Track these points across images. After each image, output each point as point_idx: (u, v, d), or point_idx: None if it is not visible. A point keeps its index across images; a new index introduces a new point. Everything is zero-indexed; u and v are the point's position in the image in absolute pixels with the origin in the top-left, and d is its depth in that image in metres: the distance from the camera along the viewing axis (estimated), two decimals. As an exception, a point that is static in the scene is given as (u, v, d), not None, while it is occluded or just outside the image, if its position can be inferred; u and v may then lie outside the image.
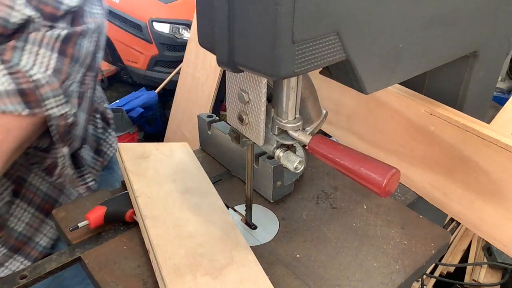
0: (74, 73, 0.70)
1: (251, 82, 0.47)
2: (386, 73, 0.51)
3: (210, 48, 0.46)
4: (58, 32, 0.67)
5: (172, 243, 0.57)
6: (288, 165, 0.51)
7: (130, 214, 0.63)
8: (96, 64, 0.76)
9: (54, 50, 0.67)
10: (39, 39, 0.65)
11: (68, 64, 0.68)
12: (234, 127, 0.54)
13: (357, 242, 0.63)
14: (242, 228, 0.65)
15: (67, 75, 0.68)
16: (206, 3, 0.42)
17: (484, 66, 0.67)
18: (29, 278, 0.57)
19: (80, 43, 0.70)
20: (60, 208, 0.68)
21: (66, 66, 0.68)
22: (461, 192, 0.67)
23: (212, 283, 0.52)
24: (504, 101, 0.89)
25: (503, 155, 0.59)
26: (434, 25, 0.52)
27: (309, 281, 0.57)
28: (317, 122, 0.53)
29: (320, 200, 0.71)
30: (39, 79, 0.64)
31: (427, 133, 0.68)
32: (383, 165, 0.46)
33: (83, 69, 0.71)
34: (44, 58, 0.66)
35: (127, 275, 0.56)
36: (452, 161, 0.66)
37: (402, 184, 0.76)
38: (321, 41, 0.40)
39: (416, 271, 0.59)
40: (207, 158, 0.81)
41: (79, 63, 0.70)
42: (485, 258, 1.47)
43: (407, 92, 0.71)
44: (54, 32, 0.66)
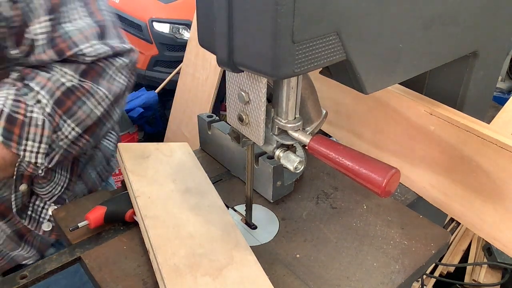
0: (65, 128, 0.66)
1: (251, 82, 0.47)
2: (386, 73, 0.51)
3: (210, 48, 0.46)
4: (63, 81, 0.65)
5: (172, 243, 0.57)
6: (288, 165, 0.51)
7: (130, 214, 0.63)
8: (99, 132, 0.72)
9: (52, 96, 0.65)
10: (43, 83, 0.64)
11: (60, 116, 0.65)
12: (234, 127, 0.54)
13: (357, 242, 0.63)
14: (242, 228, 0.65)
15: (58, 126, 0.65)
16: (206, 3, 0.42)
17: (484, 66, 0.67)
18: (29, 278, 0.57)
19: (83, 102, 0.67)
20: (60, 208, 0.68)
21: (57, 117, 0.65)
22: (461, 192, 0.67)
23: (212, 283, 0.52)
24: (504, 101, 0.89)
25: (503, 155, 0.59)
26: (434, 25, 0.53)
27: (309, 281, 0.57)
28: (317, 122, 0.53)
29: (320, 200, 0.71)
30: (35, 118, 0.63)
31: (427, 133, 0.68)
32: (383, 165, 0.46)
33: (78, 129, 0.68)
34: (42, 98, 0.64)
35: (127, 275, 0.56)
36: (452, 161, 0.66)
37: (402, 184, 0.76)
38: (321, 41, 0.40)
39: (416, 271, 0.59)
40: (207, 158, 0.81)
41: (73, 119, 0.67)
42: (485, 258, 1.47)
43: (407, 92, 0.71)
44: (60, 79, 0.65)
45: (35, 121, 0.63)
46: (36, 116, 0.63)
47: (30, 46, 0.64)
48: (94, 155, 0.86)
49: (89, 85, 0.67)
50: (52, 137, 0.65)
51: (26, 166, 0.65)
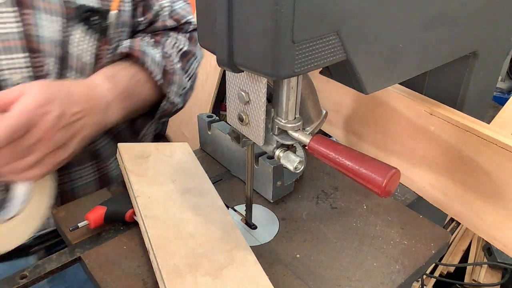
0: (184, 82, 0.87)
1: (251, 82, 0.47)
2: (386, 73, 0.51)
3: (210, 48, 0.46)
4: (181, 46, 0.86)
5: (172, 243, 0.57)
6: (288, 165, 0.51)
7: (130, 214, 0.63)
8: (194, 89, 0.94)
9: (177, 56, 0.85)
10: (170, 47, 0.85)
11: (181, 71, 0.86)
12: (234, 127, 0.54)
13: (357, 242, 0.63)
14: (242, 228, 0.65)
15: (182, 79, 0.86)
16: (206, 3, 0.42)
17: (484, 66, 0.67)
18: (29, 278, 0.57)
19: (191, 62, 0.88)
20: (60, 208, 0.68)
21: (182, 71, 0.86)
22: (461, 192, 0.67)
23: (212, 283, 0.52)
24: (504, 101, 0.89)
25: (503, 155, 0.59)
26: (434, 25, 0.52)
27: (309, 281, 0.57)
28: (317, 122, 0.53)
29: (320, 200, 0.71)
30: (176, 68, 0.84)
31: (427, 133, 0.68)
32: (383, 165, 0.46)
33: (189, 83, 0.89)
34: (175, 57, 0.85)
35: (127, 275, 0.56)
36: (452, 161, 0.66)
37: (402, 184, 0.76)
38: (321, 41, 0.40)
39: (416, 271, 0.59)
40: (207, 158, 0.81)
41: (187, 75, 0.87)
42: (485, 258, 1.47)
43: (407, 92, 0.71)
44: (178, 45, 0.86)
45: (177, 71, 0.84)
46: (176, 68, 0.83)
47: (154, 15, 0.84)
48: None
49: (194, 49, 0.88)
50: (182, 85, 0.86)
51: (168, 105, 0.84)
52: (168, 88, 0.82)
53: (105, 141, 0.85)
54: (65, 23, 0.71)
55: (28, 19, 0.68)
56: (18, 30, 0.67)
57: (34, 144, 0.58)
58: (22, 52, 0.69)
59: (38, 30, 0.69)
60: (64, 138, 0.63)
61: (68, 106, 0.63)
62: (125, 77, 0.77)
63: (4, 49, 0.67)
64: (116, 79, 0.75)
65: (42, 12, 0.69)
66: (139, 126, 0.89)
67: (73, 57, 0.74)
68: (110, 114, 0.72)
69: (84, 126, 0.66)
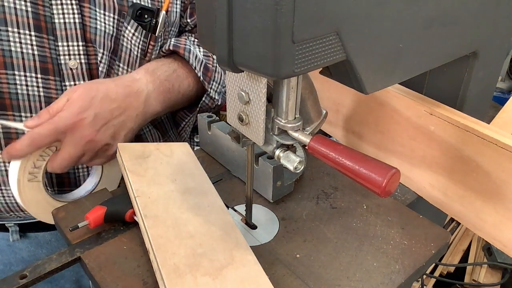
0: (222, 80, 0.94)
1: (251, 82, 0.47)
2: (386, 73, 0.51)
3: (210, 48, 0.46)
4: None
5: (172, 243, 0.57)
6: (288, 165, 0.51)
7: (130, 214, 0.63)
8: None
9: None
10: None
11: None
12: (234, 127, 0.54)
13: (357, 242, 0.63)
14: (242, 228, 0.65)
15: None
16: (206, 3, 0.42)
17: (484, 66, 0.67)
18: (29, 278, 0.57)
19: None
20: (60, 208, 0.68)
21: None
22: (461, 192, 0.67)
23: (212, 283, 0.52)
24: (504, 101, 0.89)
25: (503, 155, 0.59)
26: (434, 25, 0.52)
27: (309, 281, 0.57)
28: (317, 122, 0.53)
29: (320, 200, 0.71)
30: (217, 67, 0.90)
31: (427, 133, 0.68)
32: (383, 165, 0.46)
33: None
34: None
35: (127, 275, 0.56)
36: (452, 161, 0.66)
37: (402, 184, 0.76)
38: (321, 41, 0.40)
39: (416, 271, 0.59)
40: (207, 158, 0.81)
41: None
42: (485, 258, 1.47)
43: (407, 92, 0.71)
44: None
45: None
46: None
47: None
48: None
49: None
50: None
51: (208, 101, 0.91)
52: (209, 84, 0.89)
53: (146, 128, 0.93)
54: (118, 19, 0.80)
55: (86, 12, 0.77)
56: (78, 21, 0.76)
57: (83, 145, 0.71)
58: (80, 40, 0.77)
59: (94, 23, 0.78)
60: (107, 136, 0.73)
61: (104, 107, 0.72)
62: (165, 72, 0.83)
63: (65, 36, 0.76)
64: (156, 73, 0.82)
65: (98, 7, 0.77)
66: (180, 119, 0.98)
67: (123, 51, 0.82)
68: (150, 105, 0.79)
69: (125, 120, 0.75)
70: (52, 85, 0.77)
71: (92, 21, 0.77)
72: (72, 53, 0.77)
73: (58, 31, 0.75)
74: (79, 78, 0.79)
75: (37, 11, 0.72)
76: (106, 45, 0.79)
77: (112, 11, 0.78)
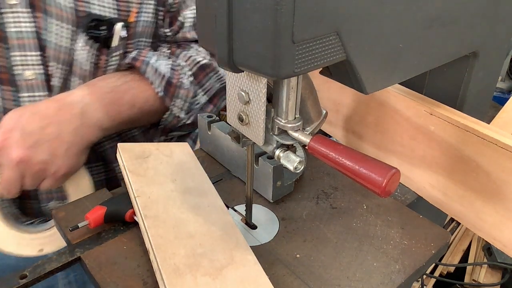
0: (199, 96, 0.88)
1: (251, 82, 0.47)
2: (386, 73, 0.51)
3: (210, 48, 0.46)
4: (199, 59, 0.87)
5: (172, 243, 0.57)
6: (288, 165, 0.51)
7: (130, 214, 0.63)
8: (219, 103, 0.92)
9: (191, 70, 0.86)
10: (185, 59, 0.86)
11: (195, 85, 0.86)
12: (234, 127, 0.54)
13: (357, 242, 0.63)
14: (242, 228, 0.65)
15: (195, 92, 0.87)
16: (206, 3, 0.42)
17: (484, 66, 0.67)
18: (29, 278, 0.57)
19: (210, 76, 0.88)
20: (60, 208, 0.68)
21: (195, 86, 0.86)
22: (461, 192, 0.67)
23: (212, 283, 0.52)
24: (504, 101, 0.89)
25: (503, 155, 0.59)
26: (434, 25, 0.52)
27: (309, 281, 0.57)
28: (317, 122, 0.53)
29: (320, 200, 0.71)
30: (184, 82, 0.84)
31: (427, 133, 0.68)
32: (383, 165, 0.46)
33: (205, 97, 0.89)
34: (187, 71, 0.85)
35: (127, 275, 0.56)
36: (452, 161, 0.66)
37: (402, 184, 0.76)
38: (321, 41, 0.40)
39: (416, 271, 0.59)
40: (207, 158, 0.81)
41: (203, 89, 0.88)
42: (485, 258, 1.47)
43: (407, 92, 0.71)
44: (196, 58, 0.86)
45: (184, 85, 0.84)
46: (184, 82, 0.84)
47: (179, 27, 0.86)
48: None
49: (215, 63, 0.88)
50: (191, 100, 0.86)
51: (172, 118, 0.86)
52: (171, 101, 0.83)
53: (111, 144, 0.88)
54: (73, 30, 0.74)
55: (39, 22, 0.73)
56: (31, 30, 0.72)
57: (15, 165, 0.67)
58: (35, 50, 0.74)
59: (45, 34, 0.73)
60: (42, 153, 0.69)
61: (33, 125, 0.68)
62: (111, 83, 0.79)
63: (18, 46, 0.73)
64: (97, 85, 0.77)
65: (53, 18, 0.73)
66: (152, 135, 0.94)
67: (76, 65, 0.78)
68: (91, 117, 0.75)
69: (60, 135, 0.71)
70: (8, 95, 0.75)
71: (44, 32, 0.73)
72: (29, 63, 0.74)
73: (10, 40, 0.72)
74: (37, 89, 0.76)
75: None
76: (60, 58, 0.75)
77: (69, 22, 0.74)
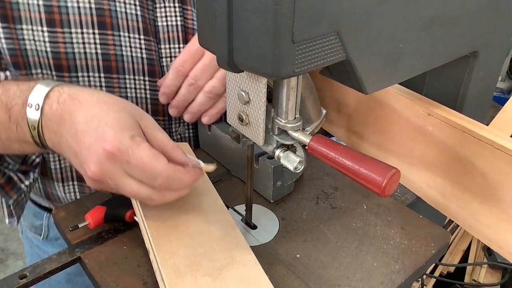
0: None
1: (251, 82, 0.47)
2: (386, 73, 0.51)
3: (210, 48, 0.46)
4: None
5: (172, 243, 0.57)
6: (288, 165, 0.51)
7: (130, 214, 0.63)
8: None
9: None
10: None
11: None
12: (234, 127, 0.54)
13: (357, 242, 0.63)
14: (242, 228, 0.65)
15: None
16: (206, 3, 0.42)
17: (484, 66, 0.67)
18: (29, 278, 0.57)
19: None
20: (60, 208, 0.68)
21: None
22: (458, 193, 0.67)
23: (212, 283, 0.52)
24: (504, 101, 0.89)
25: (499, 157, 0.58)
26: (434, 25, 0.53)
27: (309, 281, 0.57)
28: (317, 122, 0.53)
29: (320, 200, 0.71)
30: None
31: (425, 133, 0.68)
32: (383, 165, 0.46)
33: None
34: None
35: (127, 275, 0.56)
36: (449, 162, 0.66)
37: (401, 184, 0.76)
38: (321, 41, 0.40)
39: (416, 271, 0.59)
40: (207, 158, 0.81)
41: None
42: (485, 258, 1.47)
43: (406, 92, 0.71)
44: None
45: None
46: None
47: None
48: None
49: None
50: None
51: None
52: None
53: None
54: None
55: (189, 14, 0.76)
56: (180, 24, 0.75)
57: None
58: (180, 43, 0.76)
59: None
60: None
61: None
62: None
63: (167, 39, 0.75)
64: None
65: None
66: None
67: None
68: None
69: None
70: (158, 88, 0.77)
71: (195, 24, 0.76)
72: (174, 55, 0.76)
73: (161, 34, 0.75)
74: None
75: (144, 15, 0.72)
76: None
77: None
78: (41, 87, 0.56)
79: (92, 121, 0.53)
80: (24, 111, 0.55)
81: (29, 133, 0.56)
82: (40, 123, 0.55)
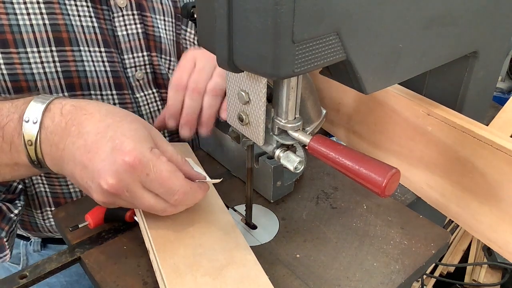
0: None
1: (251, 82, 0.47)
2: (386, 73, 0.51)
3: (210, 48, 0.46)
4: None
5: (172, 243, 0.57)
6: (288, 165, 0.51)
7: (130, 214, 0.63)
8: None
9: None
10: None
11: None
12: (234, 127, 0.54)
13: (357, 242, 0.63)
14: (242, 228, 0.65)
15: None
16: (206, 3, 0.42)
17: (484, 66, 0.67)
18: (29, 278, 0.57)
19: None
20: (60, 208, 0.68)
21: None
22: (458, 193, 0.67)
23: (212, 283, 0.52)
24: (504, 101, 0.89)
25: (498, 157, 0.59)
26: (434, 25, 0.53)
27: (309, 281, 0.57)
28: (317, 122, 0.53)
29: (320, 200, 0.71)
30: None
31: (425, 133, 0.68)
32: (383, 165, 0.46)
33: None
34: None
35: (127, 275, 0.56)
36: (449, 162, 0.66)
37: (401, 184, 0.76)
38: (321, 41, 0.40)
39: (416, 271, 0.59)
40: (207, 158, 0.81)
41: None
42: (485, 258, 1.47)
43: (406, 92, 0.71)
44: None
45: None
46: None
47: None
48: None
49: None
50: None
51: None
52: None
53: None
54: (175, 22, 0.76)
55: (149, 21, 0.74)
56: (141, 31, 0.74)
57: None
58: (143, 51, 0.75)
59: (157, 31, 0.75)
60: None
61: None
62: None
63: (129, 49, 0.73)
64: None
65: (158, 14, 0.74)
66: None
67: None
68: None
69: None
70: (128, 99, 0.76)
71: (155, 30, 0.75)
72: (138, 65, 0.75)
73: (122, 44, 0.72)
74: (146, 89, 0.78)
75: (101, 26, 0.69)
76: (173, 51, 0.77)
77: (170, 15, 0.75)
78: (38, 101, 0.53)
79: (107, 131, 0.50)
80: (20, 127, 0.52)
81: (24, 151, 0.53)
82: (38, 138, 0.52)
